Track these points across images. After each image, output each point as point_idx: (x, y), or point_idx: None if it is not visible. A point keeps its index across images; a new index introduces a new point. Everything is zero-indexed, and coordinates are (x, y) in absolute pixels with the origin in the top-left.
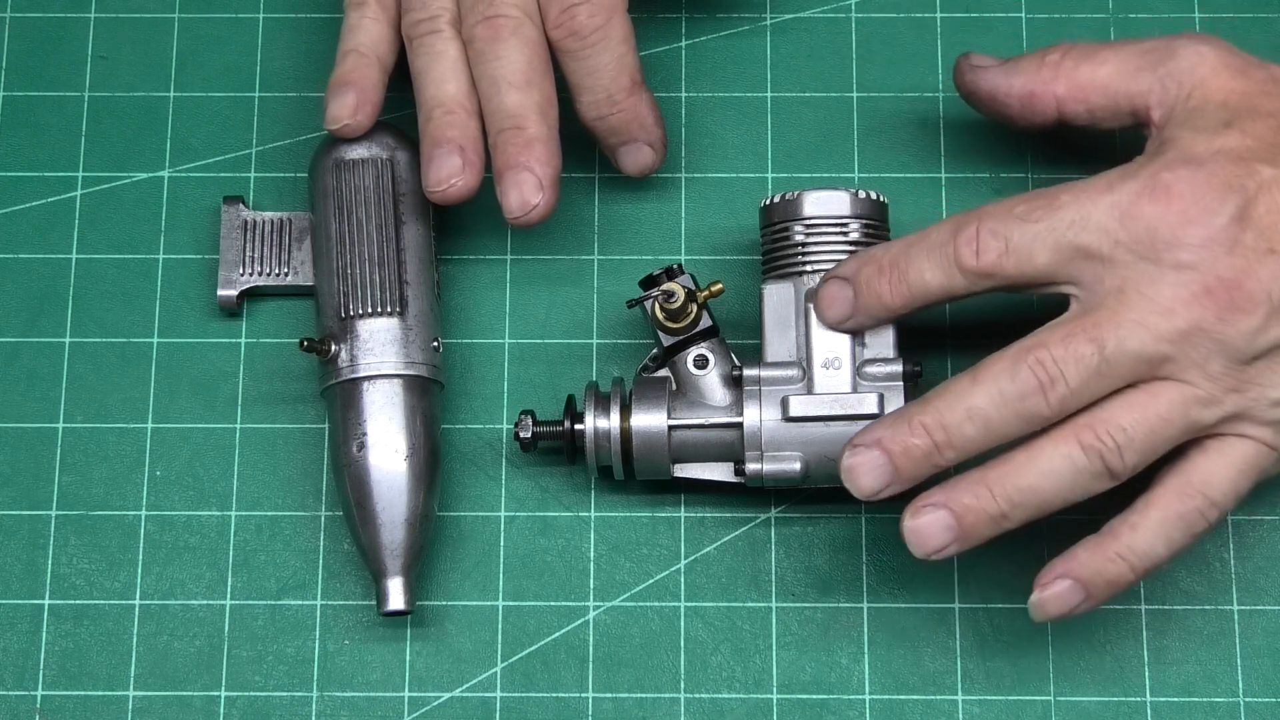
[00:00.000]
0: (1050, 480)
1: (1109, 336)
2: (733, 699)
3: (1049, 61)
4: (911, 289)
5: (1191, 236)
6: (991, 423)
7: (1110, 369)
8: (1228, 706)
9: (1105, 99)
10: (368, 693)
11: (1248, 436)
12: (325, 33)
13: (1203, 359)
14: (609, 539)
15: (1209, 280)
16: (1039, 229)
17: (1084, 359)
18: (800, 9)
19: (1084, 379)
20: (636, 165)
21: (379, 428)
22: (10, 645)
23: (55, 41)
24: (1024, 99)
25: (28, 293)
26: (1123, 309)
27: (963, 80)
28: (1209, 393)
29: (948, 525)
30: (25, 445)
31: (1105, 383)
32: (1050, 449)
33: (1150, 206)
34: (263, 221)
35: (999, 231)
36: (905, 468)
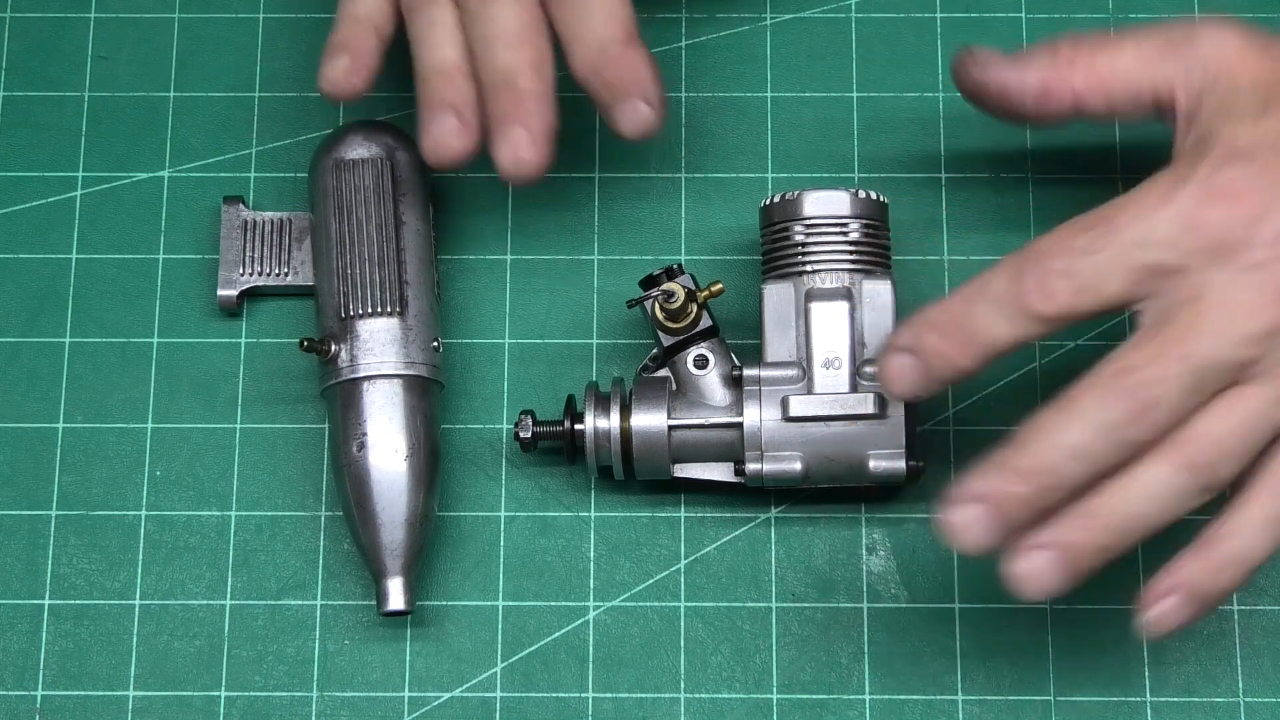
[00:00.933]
0: (1153, 505)
1: (1195, 351)
2: (733, 699)
3: (1063, 53)
4: (983, 347)
5: (1263, 234)
6: (1094, 456)
7: (1202, 384)
8: (1228, 706)
9: (1126, 90)
10: (368, 693)
11: None
12: (325, 33)
13: None
14: (609, 539)
15: None
16: (1105, 258)
17: (1178, 378)
18: (800, 9)
19: (1181, 399)
20: (634, 124)
21: (379, 428)
22: (10, 645)
23: (55, 41)
24: (1039, 94)
25: (28, 293)
26: (1202, 319)
27: (968, 77)
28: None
29: (1057, 565)
30: (25, 445)
31: (1197, 398)
32: (1150, 474)
33: (1214, 211)
34: (263, 221)
35: (1066, 271)
36: (1010, 516)
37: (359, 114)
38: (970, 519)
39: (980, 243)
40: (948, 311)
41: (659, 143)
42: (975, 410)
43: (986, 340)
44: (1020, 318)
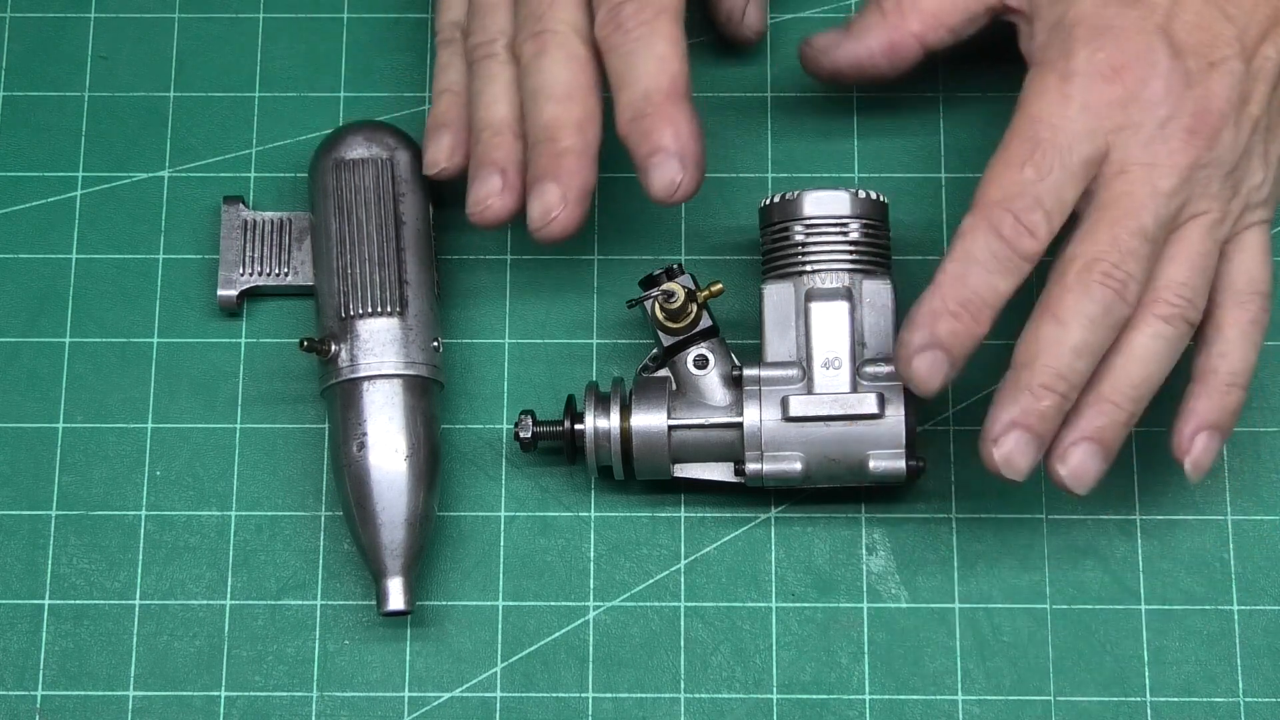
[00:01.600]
0: (1155, 364)
1: (1142, 218)
2: (733, 699)
3: (888, 6)
4: (995, 305)
5: (1154, 92)
6: (1094, 346)
7: (1155, 244)
8: (1228, 706)
9: (960, 13)
10: (368, 693)
11: (1254, 224)
12: (325, 33)
13: (1205, 186)
14: (609, 539)
15: (1186, 121)
16: (1054, 176)
17: (1136, 250)
18: (800, 9)
19: (1144, 265)
20: (663, 183)
21: (379, 428)
22: (10, 645)
23: (55, 41)
24: (887, 52)
25: (28, 293)
26: (1135, 186)
27: (819, 65)
28: (1221, 210)
29: (1096, 453)
30: (25, 445)
31: (1154, 257)
32: (1141, 338)
33: (1110, 90)
34: (263, 221)
35: (1033, 204)
36: (1046, 430)
37: (359, 114)
38: (1014, 447)
39: None
40: (947, 296)
41: None
42: (975, 410)
43: (994, 298)
44: (1015, 264)
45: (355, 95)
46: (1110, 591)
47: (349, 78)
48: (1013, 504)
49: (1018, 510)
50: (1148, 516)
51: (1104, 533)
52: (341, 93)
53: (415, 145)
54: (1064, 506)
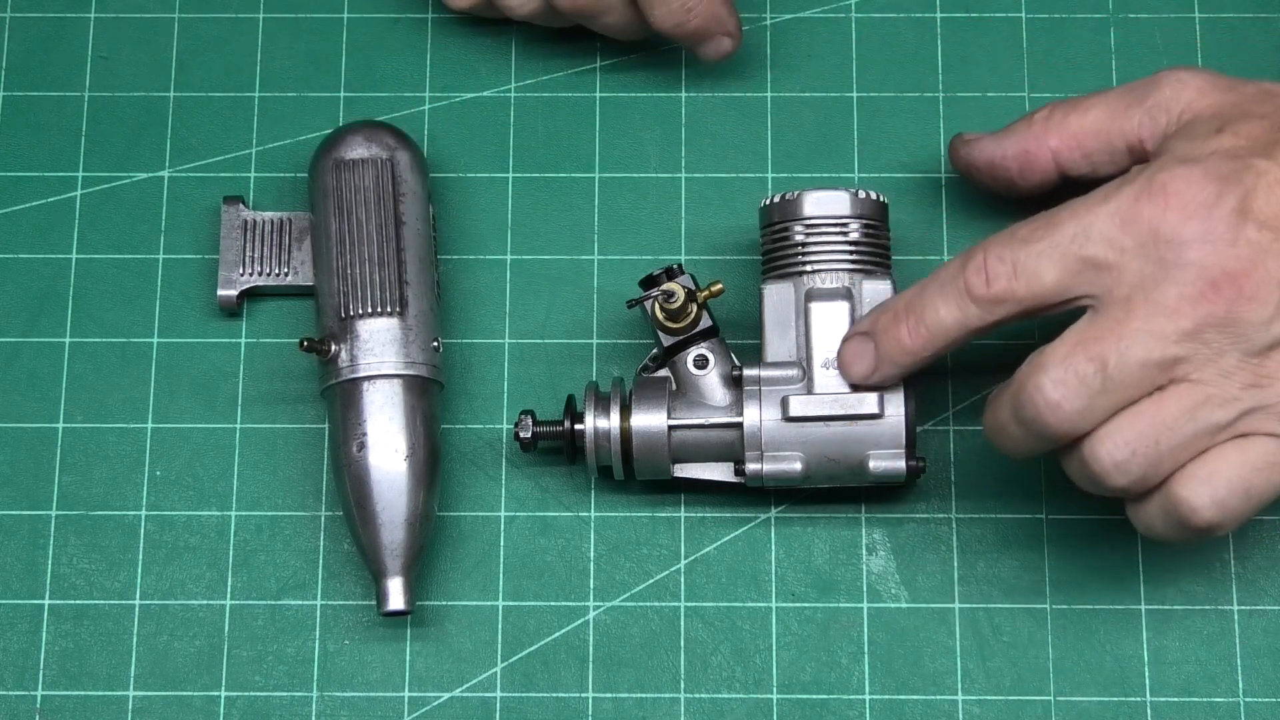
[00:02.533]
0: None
1: (1110, 351)
2: (733, 699)
3: (1038, 119)
4: (930, 330)
5: (1192, 232)
6: (1013, 442)
7: (1116, 384)
8: (1228, 706)
9: (1099, 142)
10: (368, 693)
11: (1272, 434)
12: (325, 33)
13: (1216, 354)
14: (609, 539)
15: (1214, 274)
16: (1042, 247)
17: (1085, 379)
18: (800, 9)
19: (1088, 400)
20: (717, 54)
21: (379, 428)
22: (10, 645)
23: (55, 41)
24: (1020, 159)
25: (28, 293)
26: (1129, 317)
27: (958, 156)
28: (1224, 390)
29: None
30: (25, 445)
31: (1114, 398)
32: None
33: (1149, 207)
34: (263, 221)
35: (1005, 256)
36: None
37: (359, 114)
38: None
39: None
40: (903, 298)
41: (659, 143)
42: (975, 410)
43: (933, 323)
44: (962, 301)
45: (355, 95)
46: (1110, 591)
47: (349, 78)
48: (1013, 504)
49: (1018, 510)
50: None
51: (1104, 533)
52: (341, 93)
53: (415, 145)
54: (1064, 506)
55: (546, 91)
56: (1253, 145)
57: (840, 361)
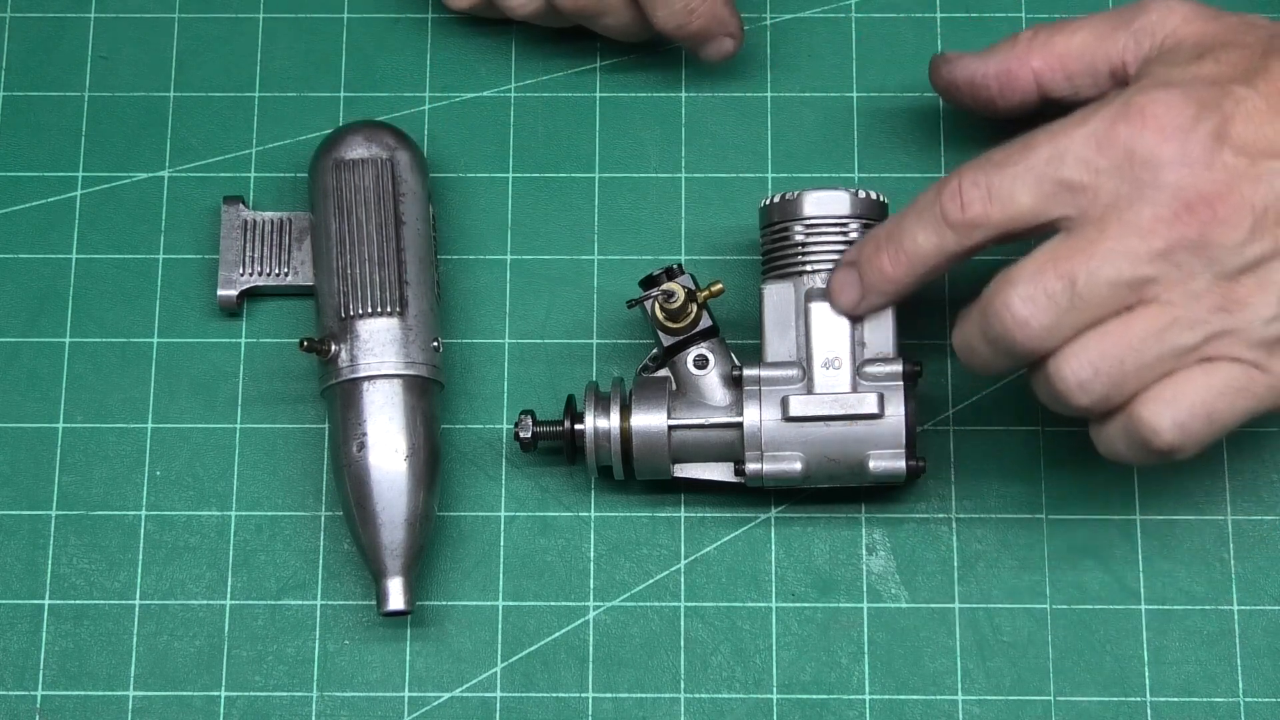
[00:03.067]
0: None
1: (1080, 268)
2: (733, 699)
3: (1022, 39)
4: (910, 257)
5: (1168, 154)
6: (982, 360)
7: (1084, 302)
8: (1228, 706)
9: (1082, 64)
10: (368, 693)
11: (1234, 359)
12: (325, 33)
13: (1186, 276)
14: (609, 539)
15: (1189, 196)
16: (1017, 170)
17: (1054, 295)
18: (800, 9)
19: (1056, 317)
20: (719, 54)
21: (379, 428)
22: (10, 645)
23: (55, 41)
24: (1002, 78)
25: (28, 293)
26: (1101, 236)
27: (939, 75)
28: (1192, 312)
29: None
30: (25, 445)
31: (1082, 316)
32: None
33: (1126, 129)
34: (263, 221)
35: (979, 180)
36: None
37: (359, 114)
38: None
39: None
40: (884, 226)
41: (659, 143)
42: (975, 410)
43: (912, 250)
44: (939, 226)
45: (355, 95)
46: (1110, 591)
47: (349, 78)
48: (1013, 504)
49: (1018, 510)
50: (1148, 516)
51: (1104, 533)
52: (341, 93)
53: (415, 145)
54: (1064, 506)
55: (546, 91)
56: (1234, 72)
57: (829, 292)
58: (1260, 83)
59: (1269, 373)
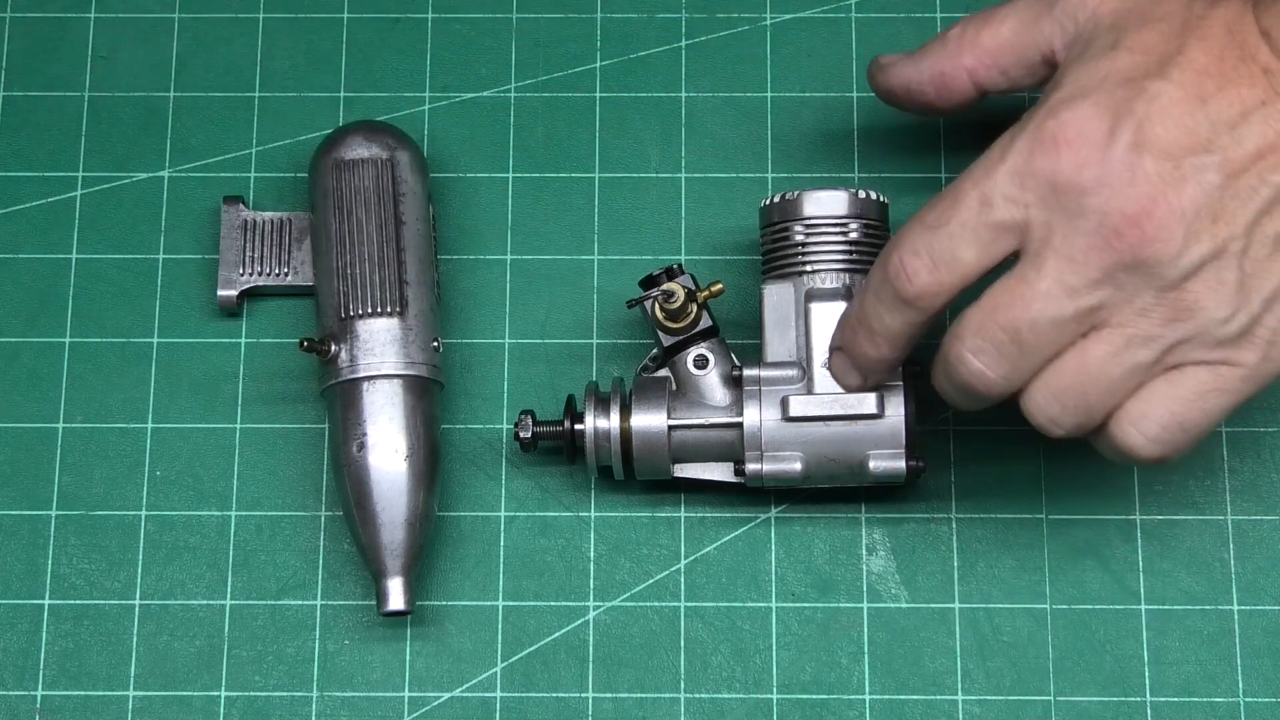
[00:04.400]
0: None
1: (1020, 317)
2: (733, 699)
3: (951, 38)
4: (885, 337)
5: (1089, 178)
6: (959, 404)
7: (1033, 347)
8: (1228, 706)
9: (1014, 57)
10: (368, 693)
11: (1200, 363)
12: (325, 33)
13: (1130, 295)
14: (609, 539)
15: (1115, 220)
16: (952, 229)
17: (1001, 347)
18: (800, 9)
19: (1011, 366)
20: None
21: (379, 428)
22: (10, 645)
23: (55, 41)
24: (937, 81)
25: (28, 293)
26: (1038, 276)
27: (876, 83)
28: (1144, 329)
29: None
30: (25, 445)
31: (1034, 359)
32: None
33: (1042, 159)
34: (263, 221)
35: (919, 250)
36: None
37: (359, 114)
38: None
39: None
40: (851, 310)
41: (659, 143)
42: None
43: (883, 331)
44: (897, 304)
45: (355, 95)
46: (1110, 591)
47: (349, 78)
48: (1013, 504)
49: (1018, 510)
50: (1148, 516)
51: (1104, 533)
52: (341, 93)
53: (415, 145)
54: (1064, 506)
55: (546, 91)
56: (1147, 61)
57: (833, 375)
58: (1175, 71)
59: (1240, 365)
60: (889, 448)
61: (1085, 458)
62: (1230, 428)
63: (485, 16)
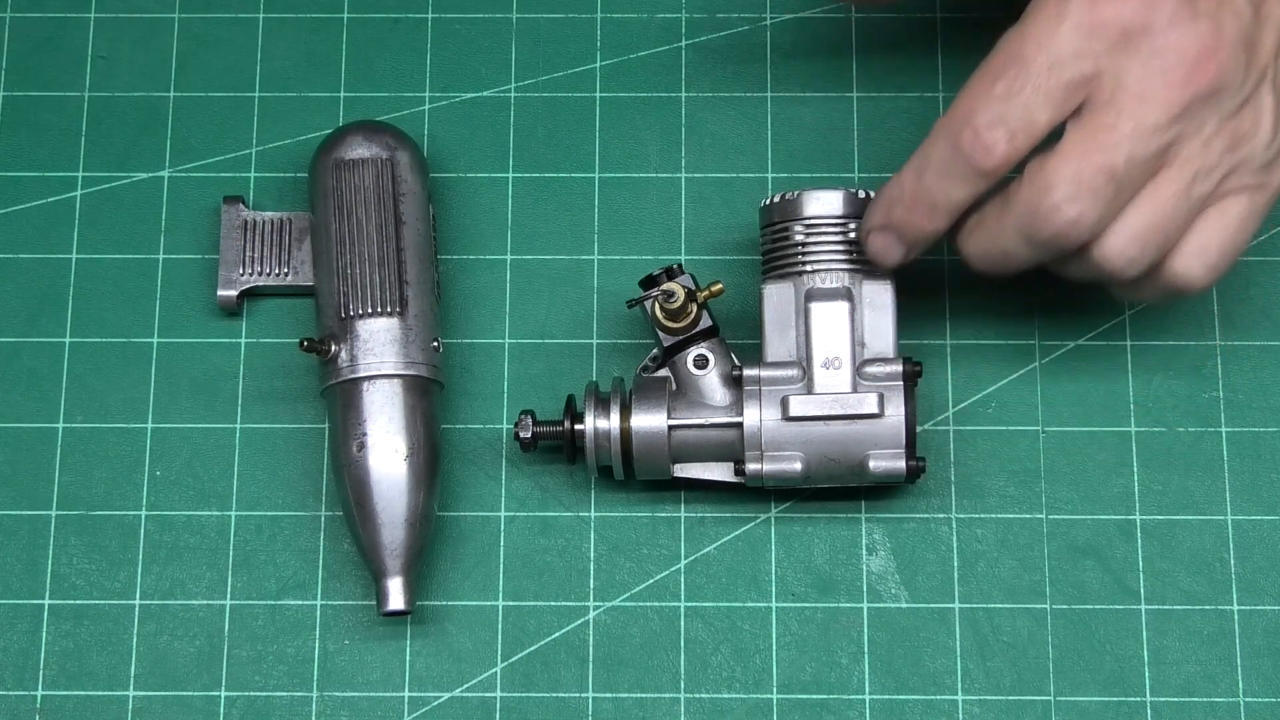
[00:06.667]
0: None
1: (1115, 157)
2: (733, 699)
3: None
4: (946, 210)
5: (1158, 19)
6: (1019, 262)
7: (1123, 186)
8: (1228, 706)
9: None
10: (368, 693)
11: (1243, 189)
12: (325, 33)
13: (1199, 128)
14: (609, 539)
15: (1192, 54)
16: (1025, 93)
17: (1097, 189)
18: (800, 9)
19: (1104, 207)
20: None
21: (379, 428)
22: (10, 645)
23: (55, 41)
24: None
25: (28, 293)
26: (1120, 118)
27: None
28: (1207, 161)
29: None
30: (25, 445)
31: (1122, 199)
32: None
33: (1107, 8)
34: (263, 221)
35: (994, 121)
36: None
37: (359, 114)
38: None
39: None
40: (904, 187)
41: (659, 143)
42: (975, 410)
43: (947, 204)
44: (970, 176)
45: (355, 95)
46: (1110, 591)
47: (349, 78)
48: (1013, 504)
49: (1018, 510)
50: (1148, 516)
51: (1104, 533)
52: (341, 93)
53: (415, 145)
54: (1064, 506)
55: (546, 91)
56: None
57: (871, 255)
58: None
59: (1269, 187)
60: (889, 448)
61: (1086, 458)
62: (1230, 427)
63: (485, 16)
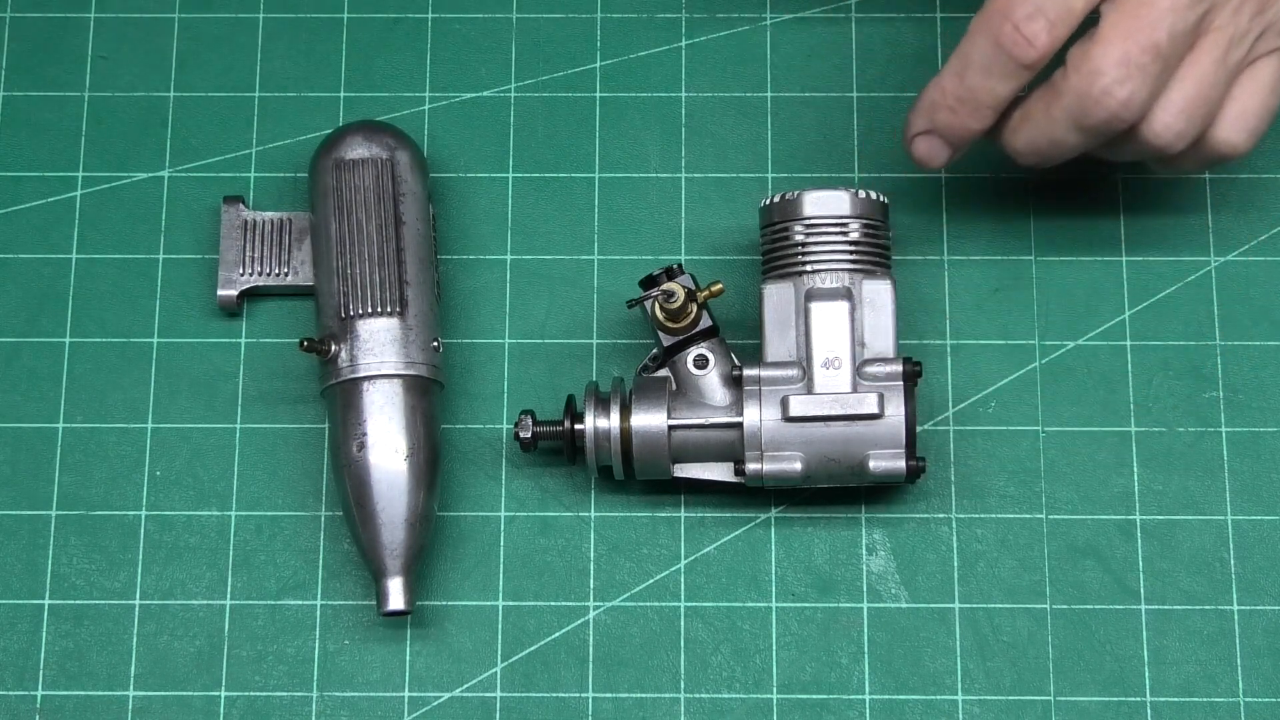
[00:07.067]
0: None
1: (1158, 34)
2: (733, 699)
3: None
4: (992, 106)
5: None
6: (1068, 150)
7: (1168, 61)
8: (1228, 706)
9: None
10: (368, 693)
11: (1275, 50)
12: (325, 33)
13: None
14: (609, 539)
15: None
16: None
17: (1145, 67)
18: (800, 9)
19: (1152, 85)
20: None
21: (379, 428)
22: (10, 645)
23: (55, 41)
24: None
25: (28, 293)
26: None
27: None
28: (1239, 27)
29: None
30: (25, 445)
31: (1167, 74)
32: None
33: None
34: (263, 221)
35: (1033, 13)
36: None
37: (359, 114)
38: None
39: (980, 243)
40: (946, 90)
41: (659, 143)
42: (975, 410)
43: (992, 100)
44: (1014, 70)
45: (355, 95)
46: (1110, 591)
47: (349, 78)
48: (1013, 504)
49: (1018, 510)
50: (1148, 516)
51: (1104, 533)
52: (341, 93)
53: (415, 145)
54: (1064, 505)
55: (546, 91)
56: None
57: (916, 159)
58: None
59: None
60: (889, 448)
61: (1085, 458)
62: (1230, 428)
63: (485, 16)
